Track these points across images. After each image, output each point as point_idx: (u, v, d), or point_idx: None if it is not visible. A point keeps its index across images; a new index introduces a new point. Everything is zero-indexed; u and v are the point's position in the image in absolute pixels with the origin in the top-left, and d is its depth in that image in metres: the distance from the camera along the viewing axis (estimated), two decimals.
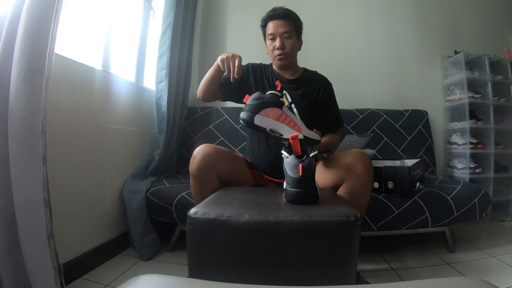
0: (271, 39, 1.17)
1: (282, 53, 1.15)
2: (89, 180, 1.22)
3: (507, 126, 1.98)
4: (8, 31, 0.76)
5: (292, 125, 0.87)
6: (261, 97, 0.86)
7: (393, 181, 1.28)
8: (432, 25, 2.18)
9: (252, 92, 0.94)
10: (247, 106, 0.86)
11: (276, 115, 0.86)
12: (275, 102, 0.86)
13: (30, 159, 0.76)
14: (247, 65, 1.25)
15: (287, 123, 0.87)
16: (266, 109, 0.85)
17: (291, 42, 1.16)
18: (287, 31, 1.15)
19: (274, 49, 1.17)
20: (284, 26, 1.14)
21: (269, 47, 1.19)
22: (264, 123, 0.85)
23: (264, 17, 1.19)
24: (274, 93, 0.87)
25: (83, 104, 1.18)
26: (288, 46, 1.16)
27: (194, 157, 0.96)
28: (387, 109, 2.01)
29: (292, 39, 1.16)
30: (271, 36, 1.16)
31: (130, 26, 1.64)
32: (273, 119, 0.86)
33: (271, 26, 1.16)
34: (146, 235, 1.33)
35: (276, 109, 0.86)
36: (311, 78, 1.25)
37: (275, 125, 0.86)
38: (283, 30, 1.14)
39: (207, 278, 0.43)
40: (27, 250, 0.75)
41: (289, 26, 1.15)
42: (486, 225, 1.82)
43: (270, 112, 0.86)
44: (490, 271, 1.18)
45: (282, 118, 0.87)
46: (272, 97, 0.86)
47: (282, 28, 1.14)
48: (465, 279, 0.41)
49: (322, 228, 0.64)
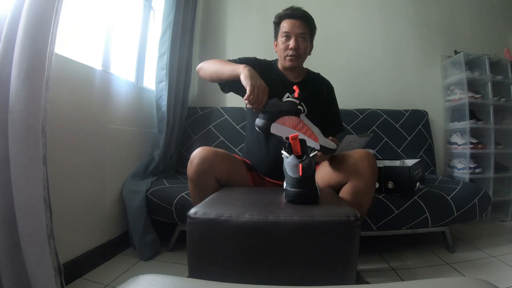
0: (285, 37, 1.13)
1: (295, 54, 1.12)
2: (89, 180, 1.22)
3: (507, 126, 1.98)
4: (8, 31, 0.76)
5: (309, 134, 0.85)
6: (279, 104, 0.83)
7: (393, 181, 1.28)
8: (432, 25, 2.18)
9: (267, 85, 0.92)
10: (263, 113, 0.83)
11: (293, 123, 0.84)
12: (293, 110, 0.83)
13: (30, 159, 0.76)
14: (254, 59, 1.21)
15: (304, 132, 0.84)
16: (284, 117, 0.83)
17: (306, 44, 1.14)
18: (304, 32, 1.12)
19: (287, 48, 1.13)
20: (301, 27, 1.12)
21: (281, 45, 1.15)
22: (280, 131, 0.82)
23: (281, 14, 1.16)
24: (292, 101, 0.84)
25: (83, 104, 1.18)
26: (302, 47, 1.14)
27: (192, 161, 0.94)
28: (387, 109, 2.01)
29: (306, 42, 1.15)
30: (285, 34, 1.13)
31: (130, 26, 1.64)
32: (290, 127, 0.83)
33: (286, 25, 1.13)
34: (146, 235, 1.33)
35: (294, 117, 0.83)
36: (314, 82, 1.24)
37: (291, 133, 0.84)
38: (300, 31, 1.12)
39: (207, 278, 0.43)
40: (27, 250, 0.75)
41: (306, 28, 1.13)
42: (486, 225, 1.82)
43: (288, 120, 0.83)
44: (490, 271, 1.18)
45: (299, 127, 0.84)
46: (290, 105, 0.84)
47: (299, 28, 1.12)
48: (465, 279, 0.41)
49: (322, 228, 0.64)
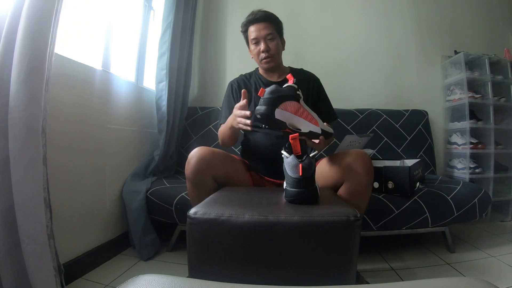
0: (255, 43, 1.17)
1: (268, 56, 1.15)
2: (89, 180, 1.22)
3: (507, 126, 1.98)
4: (8, 31, 0.76)
5: (310, 118, 0.84)
6: (279, 89, 0.81)
7: (393, 181, 1.28)
8: (432, 25, 2.18)
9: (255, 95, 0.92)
10: (264, 99, 0.80)
11: (294, 108, 0.81)
12: (292, 95, 0.81)
13: (30, 159, 0.76)
14: (231, 82, 1.27)
15: (304, 117, 0.83)
16: (285, 102, 0.80)
17: (275, 43, 1.16)
18: (270, 33, 1.15)
19: (259, 52, 1.16)
20: (266, 29, 1.14)
21: (254, 52, 1.19)
22: (284, 117, 0.80)
23: (244, 22, 1.19)
24: (291, 86, 0.82)
25: (83, 104, 1.18)
26: (273, 47, 1.16)
27: (189, 161, 0.95)
28: (387, 109, 2.01)
29: (275, 40, 1.17)
30: (254, 40, 1.16)
31: (130, 26, 1.64)
32: (292, 113, 0.81)
33: (252, 30, 1.16)
34: (146, 235, 1.33)
35: (294, 102, 0.81)
36: (299, 78, 1.23)
37: (294, 119, 0.81)
38: (266, 33, 1.14)
39: (207, 278, 0.43)
40: (27, 250, 0.75)
41: (270, 28, 1.15)
42: (486, 225, 1.82)
43: (289, 105, 0.81)
44: (490, 271, 1.18)
45: (300, 112, 0.82)
46: (290, 90, 0.82)
47: (264, 30, 1.14)
48: (465, 279, 0.41)
49: (322, 228, 0.64)
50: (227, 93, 1.27)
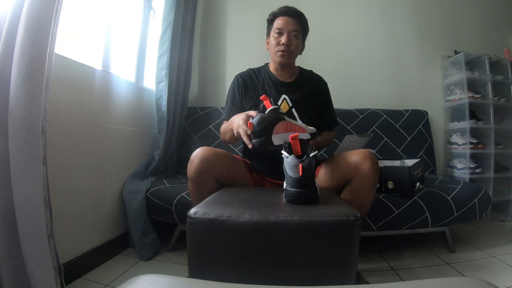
0: (278, 33, 1.14)
1: (286, 50, 1.13)
2: (89, 180, 1.22)
3: (507, 126, 1.98)
4: (8, 31, 0.76)
5: (298, 129, 0.90)
6: (264, 118, 0.87)
7: (393, 181, 1.28)
8: (432, 25, 2.18)
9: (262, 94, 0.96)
10: (255, 133, 0.87)
11: (284, 127, 0.88)
12: (278, 117, 0.88)
13: (30, 159, 0.76)
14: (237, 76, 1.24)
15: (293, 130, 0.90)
16: (275, 126, 0.87)
17: (297, 42, 1.15)
18: (296, 30, 1.14)
19: (278, 44, 1.14)
20: (295, 25, 1.14)
21: (273, 42, 1.15)
22: (280, 140, 0.87)
23: (275, 12, 1.17)
24: (273, 109, 0.89)
25: (83, 104, 1.18)
26: (294, 45, 1.14)
27: (192, 161, 0.95)
28: (387, 109, 2.01)
29: (298, 40, 1.16)
30: (278, 30, 1.14)
31: (130, 26, 1.64)
32: (284, 132, 0.88)
33: (280, 22, 1.14)
34: (146, 235, 1.33)
35: (282, 122, 0.88)
36: (308, 80, 1.24)
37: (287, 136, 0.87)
38: (293, 28, 1.13)
39: (207, 278, 0.43)
40: (27, 250, 0.75)
41: (299, 26, 1.15)
42: (486, 225, 1.82)
43: (279, 127, 0.87)
44: (490, 271, 1.18)
45: (289, 127, 0.89)
46: (273, 113, 0.88)
47: (292, 26, 1.13)
48: (465, 279, 0.41)
49: (322, 228, 0.64)
50: (232, 86, 1.23)
